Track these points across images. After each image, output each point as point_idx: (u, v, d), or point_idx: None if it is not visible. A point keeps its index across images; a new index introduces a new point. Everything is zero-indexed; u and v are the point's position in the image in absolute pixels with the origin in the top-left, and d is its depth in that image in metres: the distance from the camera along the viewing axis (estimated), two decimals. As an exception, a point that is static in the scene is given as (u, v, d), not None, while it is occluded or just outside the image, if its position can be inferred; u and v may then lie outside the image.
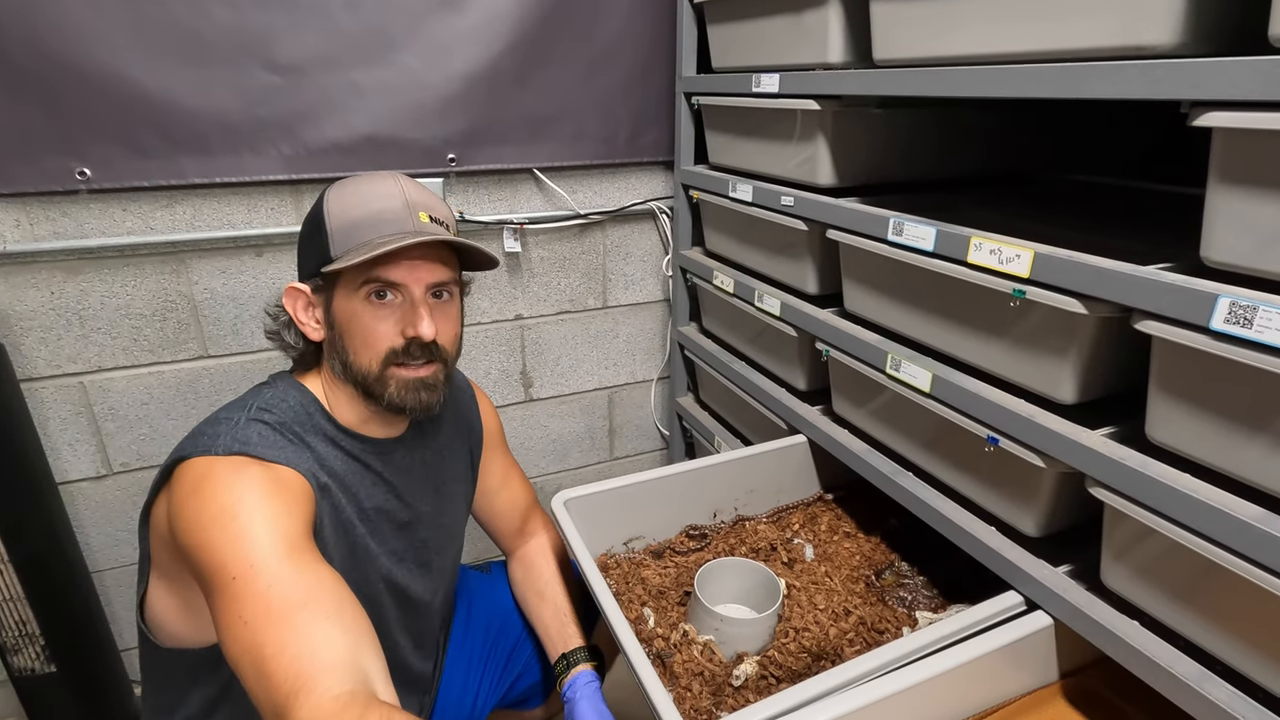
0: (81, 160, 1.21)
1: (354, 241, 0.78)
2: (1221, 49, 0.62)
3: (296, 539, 0.69)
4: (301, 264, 0.84)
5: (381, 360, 0.80)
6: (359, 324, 0.79)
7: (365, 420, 0.86)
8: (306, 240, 0.83)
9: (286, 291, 0.83)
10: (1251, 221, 0.60)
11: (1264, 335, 0.58)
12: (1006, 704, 0.82)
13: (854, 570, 1.06)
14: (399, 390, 0.81)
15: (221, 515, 0.68)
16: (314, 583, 0.67)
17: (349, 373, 0.81)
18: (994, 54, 0.80)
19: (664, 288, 1.77)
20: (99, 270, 1.29)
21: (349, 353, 0.80)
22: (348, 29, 1.30)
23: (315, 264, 0.80)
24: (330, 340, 0.83)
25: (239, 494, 0.70)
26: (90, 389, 1.34)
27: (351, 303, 0.79)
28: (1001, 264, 0.80)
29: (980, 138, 1.24)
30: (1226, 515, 0.62)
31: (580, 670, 0.97)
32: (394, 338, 0.79)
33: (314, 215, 0.82)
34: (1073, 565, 0.83)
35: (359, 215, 0.78)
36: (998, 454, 0.85)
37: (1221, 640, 0.67)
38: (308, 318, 0.84)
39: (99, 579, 1.45)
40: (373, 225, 0.78)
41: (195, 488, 0.70)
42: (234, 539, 0.66)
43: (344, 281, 0.79)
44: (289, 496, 0.73)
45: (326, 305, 0.82)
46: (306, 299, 0.83)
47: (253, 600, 0.64)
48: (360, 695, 0.61)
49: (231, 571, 0.65)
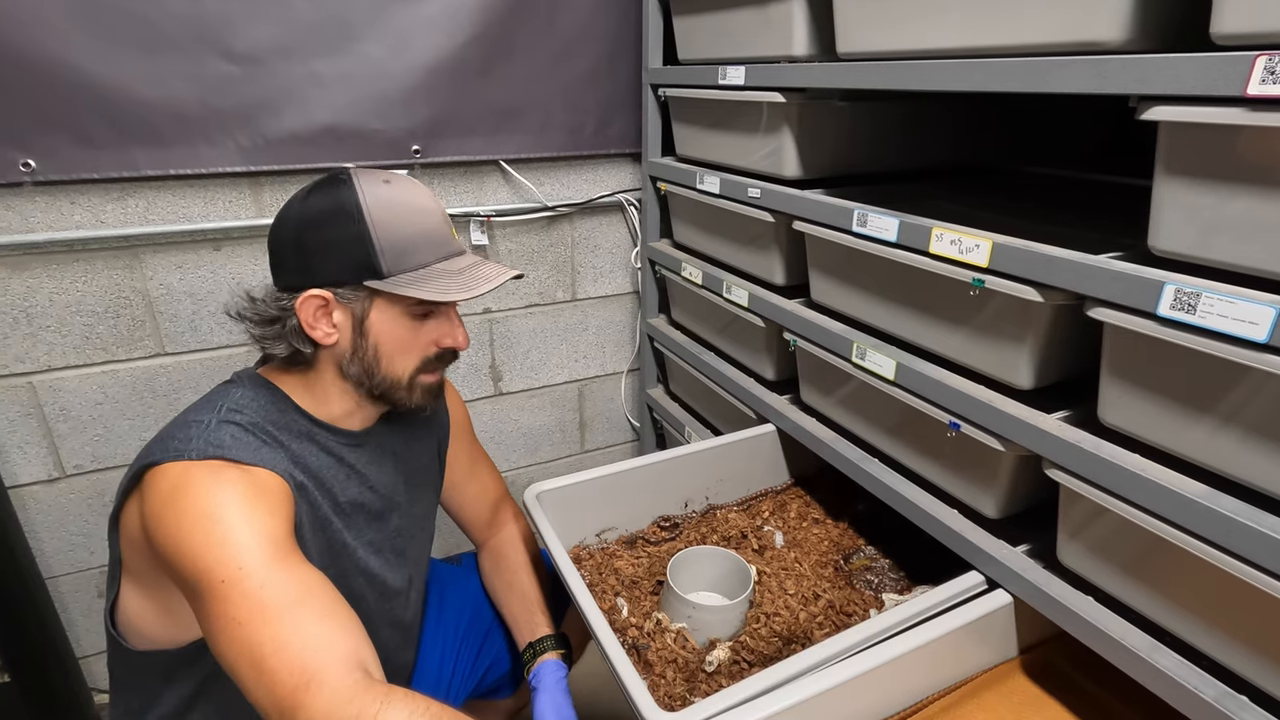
0: (25, 151, 1.16)
1: (410, 262, 0.78)
2: (1167, 45, 0.64)
3: (281, 541, 0.69)
4: (318, 268, 0.77)
5: (415, 369, 0.83)
6: (398, 338, 0.80)
7: (348, 414, 0.85)
8: (334, 244, 0.76)
9: (304, 299, 0.77)
10: (1194, 211, 0.63)
11: (1206, 320, 0.60)
12: (970, 679, 0.85)
13: (823, 555, 1.09)
14: (422, 394, 0.85)
15: (203, 520, 0.67)
16: (305, 583, 0.67)
17: (370, 378, 0.81)
18: (953, 48, 0.82)
19: (633, 280, 1.77)
20: (46, 266, 1.24)
21: (379, 362, 0.81)
22: (307, 17, 1.26)
23: (351, 273, 0.76)
24: (354, 347, 0.80)
25: (218, 498, 0.68)
26: (40, 389, 1.30)
27: (394, 317, 0.79)
28: (962, 254, 0.82)
29: (942, 131, 1.26)
30: (1173, 493, 0.65)
31: (545, 660, 0.97)
32: (429, 348, 0.83)
33: (345, 220, 0.76)
34: (1031, 545, 0.86)
35: (411, 233, 0.78)
36: (959, 439, 0.88)
37: (1169, 613, 0.70)
38: (318, 323, 0.78)
39: (54, 585, 1.40)
40: (428, 246, 0.79)
41: (171, 494, 0.69)
42: (219, 543, 0.66)
43: (388, 296, 0.78)
44: (269, 499, 0.72)
45: (360, 315, 0.79)
46: (323, 303, 0.78)
47: (245, 601, 0.64)
48: (375, 681, 0.62)
49: (219, 575, 0.65)
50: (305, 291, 0.77)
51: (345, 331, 0.80)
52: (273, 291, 0.80)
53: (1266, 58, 0.54)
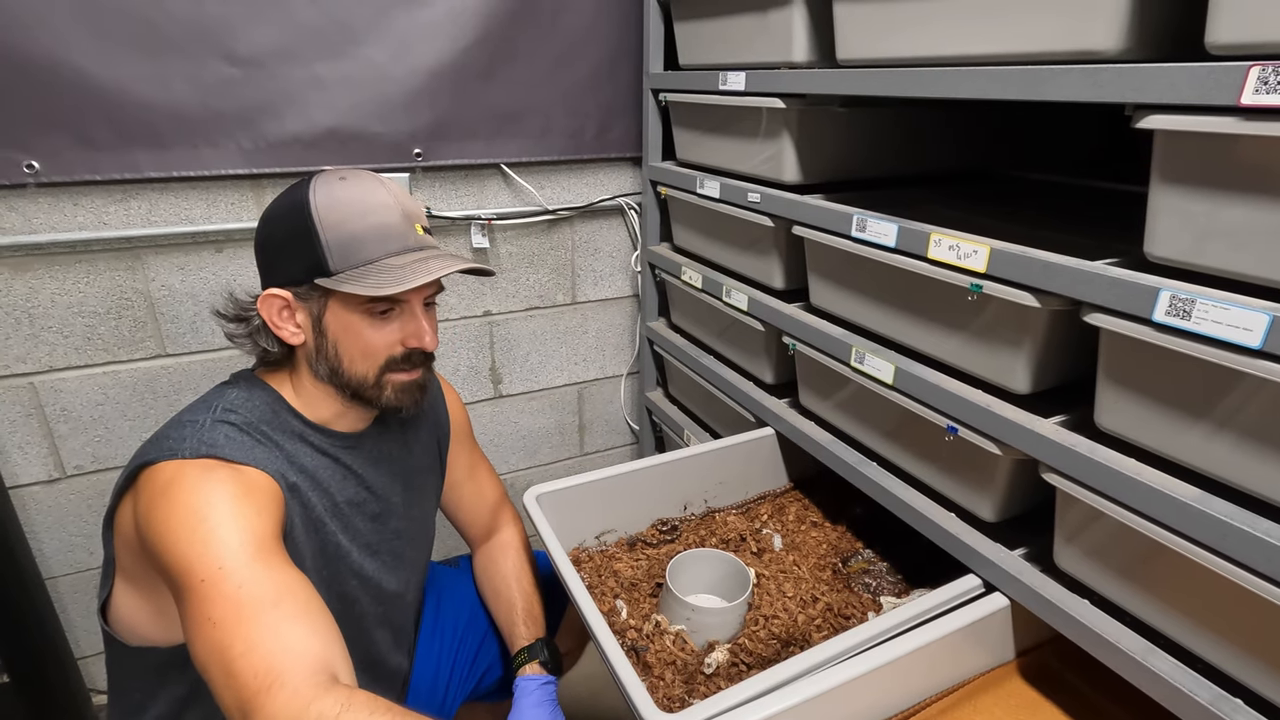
0: (28, 153, 1.17)
1: (358, 258, 0.76)
2: (1163, 55, 0.65)
3: (266, 541, 0.69)
4: (277, 267, 0.79)
5: (379, 369, 0.81)
6: (357, 336, 0.79)
7: (338, 415, 0.86)
8: (286, 243, 0.78)
9: (263, 299, 0.79)
10: (1189, 218, 0.63)
11: (1201, 326, 0.61)
12: (966, 682, 0.85)
13: (821, 558, 1.09)
14: (395, 394, 0.83)
15: (190, 518, 0.67)
16: (284, 584, 0.67)
17: (338, 378, 0.81)
18: (951, 56, 0.83)
19: (632, 283, 1.78)
20: (49, 267, 1.25)
21: (342, 360, 0.80)
22: (309, 21, 1.27)
23: (302, 272, 0.77)
24: (317, 347, 0.80)
25: (207, 496, 0.69)
26: (41, 390, 1.30)
27: (349, 315, 0.78)
28: (960, 259, 0.83)
29: (941, 137, 1.27)
30: (1168, 497, 0.66)
31: (523, 673, 0.97)
32: (394, 347, 0.81)
33: (296, 218, 0.77)
34: (1028, 548, 0.86)
35: (359, 229, 0.76)
36: (957, 443, 0.88)
37: (1164, 615, 0.71)
38: (284, 322, 0.80)
39: (53, 586, 1.40)
40: (377, 241, 0.77)
41: (163, 491, 0.69)
42: (203, 541, 0.66)
43: (340, 294, 0.77)
44: (258, 498, 0.72)
45: (316, 314, 0.79)
46: (284, 303, 0.79)
47: (222, 601, 0.64)
48: (338, 685, 0.62)
49: (200, 574, 0.65)
50: (265, 291, 0.79)
51: (308, 330, 0.80)
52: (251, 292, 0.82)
53: (1260, 68, 0.55)
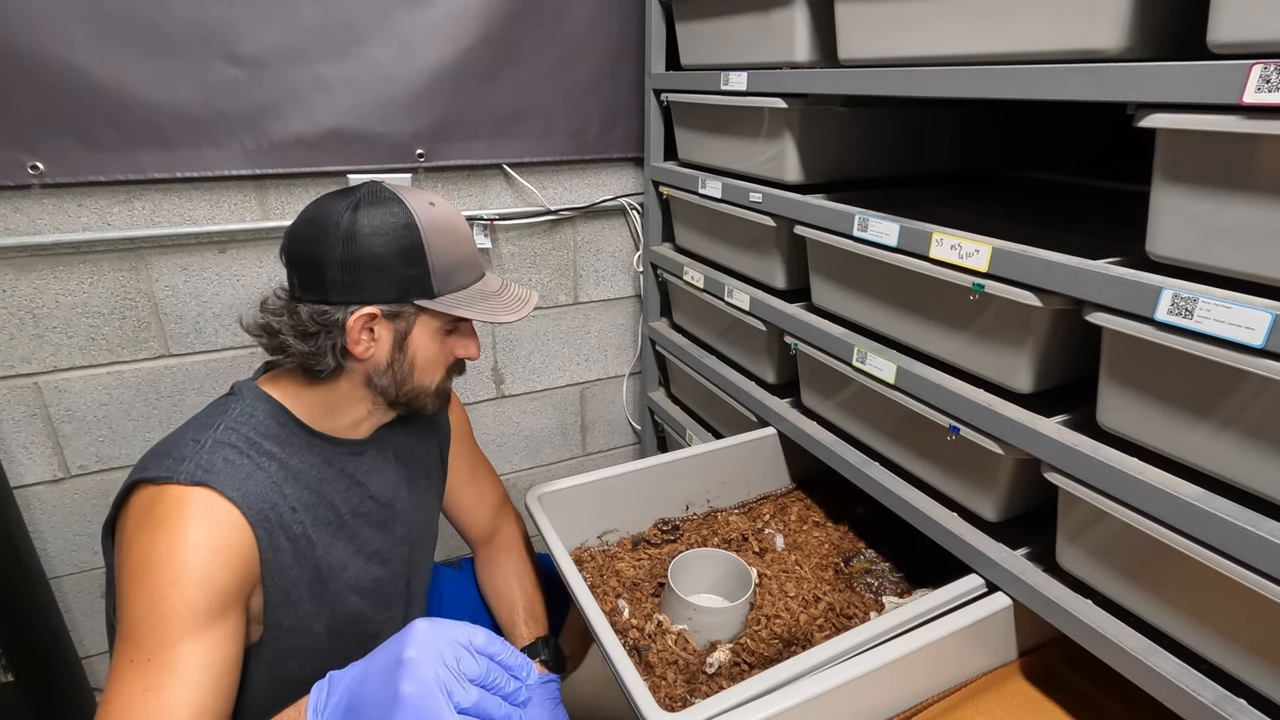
0: (33, 154, 1.17)
1: (456, 282, 0.82)
2: (1165, 54, 0.65)
3: (214, 608, 0.70)
4: (366, 284, 0.77)
5: (441, 379, 0.88)
6: (431, 352, 0.84)
7: (356, 423, 0.87)
8: (388, 262, 0.77)
9: (357, 316, 0.77)
10: (1192, 217, 0.63)
11: (1203, 325, 0.61)
12: (969, 682, 0.85)
13: (823, 558, 1.09)
14: (438, 400, 0.89)
15: (155, 563, 0.68)
16: (197, 665, 0.68)
17: (397, 389, 0.84)
18: (954, 55, 0.82)
19: (635, 283, 1.78)
20: (53, 267, 1.25)
21: (411, 373, 0.84)
22: (312, 22, 1.27)
23: (400, 290, 0.78)
24: (390, 361, 0.82)
25: (177, 546, 0.69)
26: (45, 390, 1.30)
27: (431, 333, 0.83)
28: (962, 259, 0.83)
29: (942, 136, 1.27)
30: (1170, 497, 0.65)
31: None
32: (450, 360, 0.88)
33: (404, 239, 0.77)
34: (1030, 548, 0.86)
35: (457, 256, 0.82)
36: (959, 442, 0.88)
37: (1167, 615, 0.71)
38: (362, 336, 0.79)
39: (57, 585, 1.41)
40: (469, 267, 0.85)
41: (140, 522, 0.71)
42: (153, 593, 0.68)
43: (429, 313, 0.82)
44: (227, 556, 0.72)
45: (404, 331, 0.81)
46: (371, 318, 0.79)
47: (129, 660, 0.67)
48: None
49: (134, 618, 0.68)
50: (356, 308, 0.77)
51: (384, 346, 0.81)
52: (293, 304, 0.79)
53: (1262, 66, 0.55)
